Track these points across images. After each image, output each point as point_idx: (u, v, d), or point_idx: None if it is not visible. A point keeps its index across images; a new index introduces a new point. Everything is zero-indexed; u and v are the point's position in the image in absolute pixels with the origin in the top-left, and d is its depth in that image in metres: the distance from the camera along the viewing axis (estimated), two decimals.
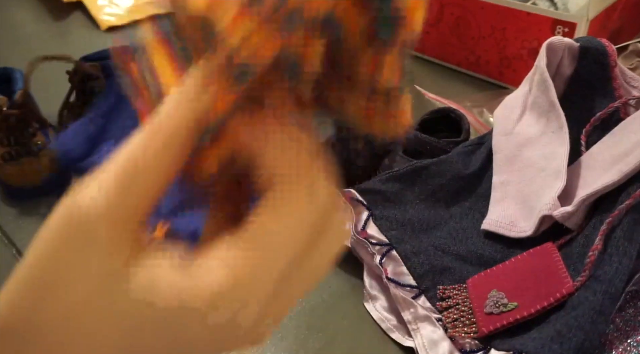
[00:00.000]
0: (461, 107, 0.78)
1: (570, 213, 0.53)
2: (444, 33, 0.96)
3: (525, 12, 0.84)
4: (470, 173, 0.64)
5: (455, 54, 0.96)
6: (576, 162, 0.59)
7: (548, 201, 0.55)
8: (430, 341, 0.50)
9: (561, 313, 0.47)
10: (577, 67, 0.62)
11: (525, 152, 0.60)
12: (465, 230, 0.60)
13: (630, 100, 0.60)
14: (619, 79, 0.61)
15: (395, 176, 0.63)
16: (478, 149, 0.66)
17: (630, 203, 0.49)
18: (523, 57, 0.88)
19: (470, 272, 0.55)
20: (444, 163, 0.64)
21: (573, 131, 0.60)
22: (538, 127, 0.61)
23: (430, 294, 0.54)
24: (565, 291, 0.48)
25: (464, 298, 0.52)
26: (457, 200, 0.63)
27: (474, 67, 0.95)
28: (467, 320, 0.50)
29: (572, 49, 0.62)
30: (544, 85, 0.61)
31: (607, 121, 0.60)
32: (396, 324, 0.53)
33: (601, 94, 0.61)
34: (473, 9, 0.90)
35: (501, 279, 0.52)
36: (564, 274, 0.49)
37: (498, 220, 0.58)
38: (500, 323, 0.48)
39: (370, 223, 0.60)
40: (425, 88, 0.84)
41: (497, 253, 0.57)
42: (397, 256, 0.57)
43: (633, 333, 0.47)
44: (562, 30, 0.81)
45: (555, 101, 0.60)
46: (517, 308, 0.49)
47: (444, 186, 0.63)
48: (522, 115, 0.64)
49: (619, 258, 0.47)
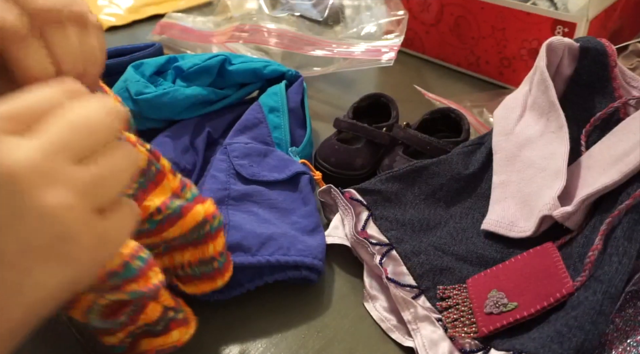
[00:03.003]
0: (461, 107, 0.78)
1: (570, 213, 0.53)
2: (444, 33, 0.96)
3: (525, 12, 0.84)
4: (470, 173, 0.64)
5: (455, 53, 0.97)
6: (576, 162, 0.59)
7: (548, 202, 0.55)
8: (430, 341, 0.50)
9: (561, 313, 0.47)
10: (577, 67, 0.63)
11: (525, 152, 0.61)
12: (465, 230, 0.60)
13: (630, 100, 0.60)
14: (619, 79, 0.61)
15: (395, 176, 0.63)
16: (478, 149, 0.66)
17: (630, 203, 0.49)
18: (523, 57, 0.88)
19: (470, 272, 0.55)
20: (444, 163, 0.64)
21: (573, 131, 0.60)
22: (538, 127, 0.61)
23: (430, 294, 0.54)
24: (565, 291, 0.48)
25: (464, 298, 0.52)
26: (457, 200, 0.63)
27: (474, 67, 0.95)
28: (467, 320, 0.51)
29: (572, 49, 0.62)
30: (544, 85, 0.61)
31: (607, 121, 0.60)
32: (396, 324, 0.53)
33: (601, 94, 0.61)
34: (473, 9, 0.90)
35: (501, 279, 0.52)
36: (564, 274, 0.49)
37: (498, 220, 0.58)
38: (500, 323, 0.48)
39: (370, 223, 0.60)
40: (425, 88, 0.84)
41: (497, 253, 0.57)
42: (397, 256, 0.57)
43: (633, 333, 0.47)
44: (562, 30, 0.81)
45: (555, 101, 0.60)
46: (517, 308, 0.49)
47: (444, 186, 0.63)
48: (522, 115, 0.64)
49: (619, 258, 0.47)
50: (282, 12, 0.99)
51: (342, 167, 0.69)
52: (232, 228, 0.54)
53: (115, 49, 0.76)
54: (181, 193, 0.43)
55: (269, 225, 0.56)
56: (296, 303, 0.55)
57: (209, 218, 0.43)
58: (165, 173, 0.42)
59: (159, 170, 0.42)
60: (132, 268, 0.39)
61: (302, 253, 0.54)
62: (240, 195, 0.59)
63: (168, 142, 0.65)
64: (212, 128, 0.71)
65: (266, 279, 0.54)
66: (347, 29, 0.96)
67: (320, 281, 0.58)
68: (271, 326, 0.53)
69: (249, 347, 0.51)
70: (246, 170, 0.62)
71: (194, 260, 0.45)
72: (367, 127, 0.70)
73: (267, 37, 0.91)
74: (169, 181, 0.42)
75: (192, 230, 0.43)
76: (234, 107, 0.75)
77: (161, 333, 0.44)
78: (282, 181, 0.62)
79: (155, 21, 1.10)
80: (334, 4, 1.01)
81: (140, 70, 0.70)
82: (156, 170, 0.41)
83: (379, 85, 0.95)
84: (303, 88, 0.76)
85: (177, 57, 0.74)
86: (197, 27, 1.01)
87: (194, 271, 0.46)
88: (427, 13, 0.96)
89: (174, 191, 0.42)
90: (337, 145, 0.70)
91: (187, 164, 0.64)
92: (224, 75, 0.73)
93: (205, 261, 0.45)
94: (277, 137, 0.68)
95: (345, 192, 0.61)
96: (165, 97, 0.67)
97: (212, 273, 0.46)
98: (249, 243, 0.53)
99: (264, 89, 0.76)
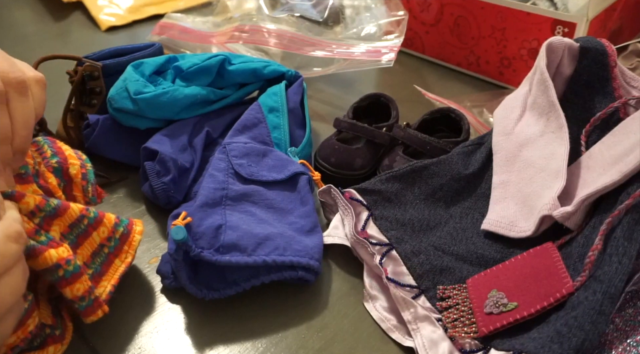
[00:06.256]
0: (461, 107, 0.78)
1: (570, 213, 0.53)
2: (444, 33, 0.96)
3: (525, 12, 0.84)
4: (470, 173, 0.64)
5: (455, 53, 0.97)
6: (576, 162, 0.59)
7: (548, 201, 0.55)
8: (430, 341, 0.50)
9: (561, 313, 0.47)
10: (577, 67, 0.63)
11: (525, 152, 0.60)
12: (465, 230, 0.60)
13: (630, 100, 0.60)
14: (619, 79, 0.61)
15: (395, 176, 0.63)
16: (478, 149, 0.66)
17: (630, 203, 0.49)
18: (523, 57, 0.88)
19: (470, 272, 0.55)
20: (444, 163, 0.64)
21: (573, 131, 0.60)
22: (538, 127, 0.61)
23: (430, 294, 0.54)
24: (565, 291, 0.48)
25: (464, 298, 0.52)
26: (457, 200, 0.63)
27: (473, 67, 0.95)
28: (467, 320, 0.51)
29: (572, 49, 0.62)
30: (544, 85, 0.61)
31: (607, 121, 0.60)
32: (396, 324, 0.53)
33: (601, 94, 0.61)
34: (473, 9, 0.90)
35: (501, 279, 0.52)
36: (564, 274, 0.49)
37: (498, 220, 0.58)
38: (500, 323, 0.48)
39: (370, 223, 0.60)
40: (425, 88, 0.84)
41: (497, 253, 0.57)
42: (397, 256, 0.57)
43: (633, 333, 0.47)
44: (562, 30, 0.81)
45: (555, 101, 0.60)
46: (517, 308, 0.49)
47: (444, 186, 0.63)
48: (522, 115, 0.64)
49: (618, 258, 0.47)
50: (281, 13, 0.99)
51: (342, 167, 0.68)
52: (228, 228, 0.54)
53: (115, 49, 0.76)
54: (35, 236, 0.44)
55: (266, 225, 0.56)
56: (296, 303, 0.55)
57: (62, 263, 0.43)
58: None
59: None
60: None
61: (298, 253, 0.54)
62: (238, 195, 0.59)
63: (166, 140, 0.65)
64: (211, 128, 0.71)
65: (262, 279, 0.54)
66: (347, 29, 0.96)
67: (320, 281, 0.58)
68: (271, 326, 0.53)
69: (249, 347, 0.51)
70: (245, 169, 0.62)
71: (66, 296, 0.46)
72: (367, 127, 0.70)
73: (267, 37, 0.91)
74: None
75: (45, 272, 0.44)
76: (233, 107, 0.75)
77: (37, 348, 0.46)
78: (280, 182, 0.62)
79: (155, 21, 1.11)
80: (334, 4, 1.01)
81: (140, 69, 0.70)
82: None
83: (379, 85, 0.95)
84: (303, 88, 0.76)
85: (176, 56, 0.74)
86: (197, 28, 1.01)
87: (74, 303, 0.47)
88: (427, 13, 0.96)
89: (27, 233, 0.43)
90: (337, 145, 0.70)
91: (185, 162, 0.64)
92: (224, 75, 0.73)
93: (71, 300, 0.46)
94: (276, 137, 0.68)
95: (345, 192, 0.61)
96: (164, 96, 0.67)
97: (82, 311, 0.47)
98: (245, 243, 0.53)
99: (264, 89, 0.76)
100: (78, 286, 0.45)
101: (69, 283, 0.45)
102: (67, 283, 0.44)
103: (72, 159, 0.53)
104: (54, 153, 0.52)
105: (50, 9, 1.22)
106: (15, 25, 1.15)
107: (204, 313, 0.54)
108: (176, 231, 0.50)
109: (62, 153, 0.53)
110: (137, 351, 0.50)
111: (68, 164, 0.52)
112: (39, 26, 1.15)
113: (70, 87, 0.71)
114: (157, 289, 0.56)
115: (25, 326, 0.43)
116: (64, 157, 0.52)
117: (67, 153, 0.53)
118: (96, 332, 0.51)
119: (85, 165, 0.54)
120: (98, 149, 0.69)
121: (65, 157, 0.53)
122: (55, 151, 0.52)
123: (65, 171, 0.52)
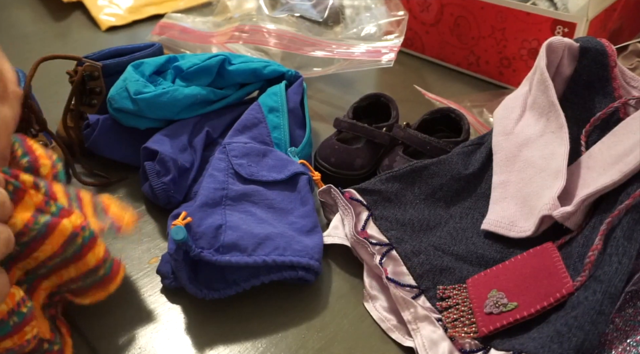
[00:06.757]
0: (461, 107, 0.78)
1: (570, 213, 0.53)
2: (444, 33, 0.96)
3: (525, 12, 0.84)
4: (470, 173, 0.64)
5: (455, 53, 0.97)
6: (576, 162, 0.59)
7: (548, 201, 0.55)
8: (430, 341, 0.50)
9: (561, 313, 0.47)
10: (577, 67, 0.63)
11: (525, 152, 0.61)
12: (465, 230, 0.60)
13: (630, 100, 0.60)
14: (619, 79, 0.61)
15: (395, 176, 0.63)
16: (478, 149, 0.66)
17: (630, 203, 0.49)
18: (523, 57, 0.88)
19: (470, 272, 0.55)
20: (443, 163, 0.64)
21: (573, 131, 0.60)
22: (538, 127, 0.61)
23: (430, 294, 0.54)
24: (565, 291, 0.48)
25: (464, 298, 0.52)
26: (457, 200, 0.63)
27: (473, 67, 0.95)
28: (467, 320, 0.51)
29: (572, 49, 0.62)
30: (544, 85, 0.61)
31: (607, 121, 0.60)
32: (396, 324, 0.53)
33: (601, 94, 0.61)
34: (473, 9, 0.90)
35: (501, 279, 0.52)
36: (564, 274, 0.49)
37: (498, 220, 0.58)
38: (500, 323, 0.48)
39: (370, 223, 0.60)
40: (425, 88, 0.84)
41: (497, 253, 0.57)
42: (397, 256, 0.57)
43: (633, 333, 0.47)
44: (562, 30, 0.81)
45: (555, 101, 0.60)
46: (517, 308, 0.49)
47: (444, 186, 0.63)
48: (522, 115, 0.64)
49: (618, 258, 0.47)
50: (281, 13, 0.99)
51: (342, 167, 0.69)
52: (228, 228, 0.54)
53: (116, 49, 0.76)
54: (45, 207, 0.43)
55: (266, 225, 0.56)
56: (296, 303, 0.55)
57: (78, 231, 0.43)
58: (27, 189, 0.42)
59: (18, 188, 0.42)
60: (8, 325, 0.40)
61: (298, 253, 0.54)
62: (238, 195, 0.59)
63: (166, 140, 0.65)
64: (211, 128, 0.71)
65: (262, 279, 0.54)
66: (347, 29, 0.96)
67: (320, 281, 0.58)
68: (271, 326, 0.53)
69: (249, 347, 0.51)
70: (245, 169, 0.62)
71: (80, 273, 0.46)
72: (367, 127, 0.70)
73: (267, 37, 0.91)
74: (30, 197, 0.42)
75: (65, 246, 0.43)
76: (233, 107, 0.75)
77: None
78: (280, 182, 0.62)
79: (155, 21, 1.10)
80: (334, 4, 1.01)
81: (140, 69, 0.70)
82: (14, 188, 0.41)
83: (379, 85, 0.95)
84: (303, 88, 0.76)
85: (176, 56, 0.74)
86: (197, 28, 1.01)
87: (85, 283, 0.47)
88: (427, 13, 0.96)
89: (37, 206, 0.42)
90: (337, 145, 0.70)
91: (184, 162, 0.64)
92: (224, 75, 0.73)
93: (92, 271, 0.46)
94: (276, 137, 0.68)
95: (345, 192, 0.61)
96: (164, 96, 0.67)
97: (102, 280, 0.47)
98: (245, 243, 0.53)
99: (264, 89, 0.76)
100: (98, 249, 0.44)
101: (90, 248, 0.44)
102: (89, 248, 0.43)
103: (43, 159, 0.51)
104: (25, 152, 0.50)
105: (50, 9, 1.22)
106: (15, 25, 1.15)
107: (204, 313, 0.54)
108: (176, 231, 0.50)
109: (33, 153, 0.51)
110: (137, 351, 0.50)
111: (39, 164, 0.51)
112: (39, 26, 1.15)
113: (70, 87, 0.71)
114: (157, 289, 0.56)
115: (23, 333, 0.42)
116: (34, 157, 0.51)
117: (37, 152, 0.51)
118: (96, 332, 0.51)
119: (56, 165, 0.52)
120: (98, 149, 0.69)
121: (36, 156, 0.51)
122: (25, 150, 0.51)
123: (35, 171, 0.51)
